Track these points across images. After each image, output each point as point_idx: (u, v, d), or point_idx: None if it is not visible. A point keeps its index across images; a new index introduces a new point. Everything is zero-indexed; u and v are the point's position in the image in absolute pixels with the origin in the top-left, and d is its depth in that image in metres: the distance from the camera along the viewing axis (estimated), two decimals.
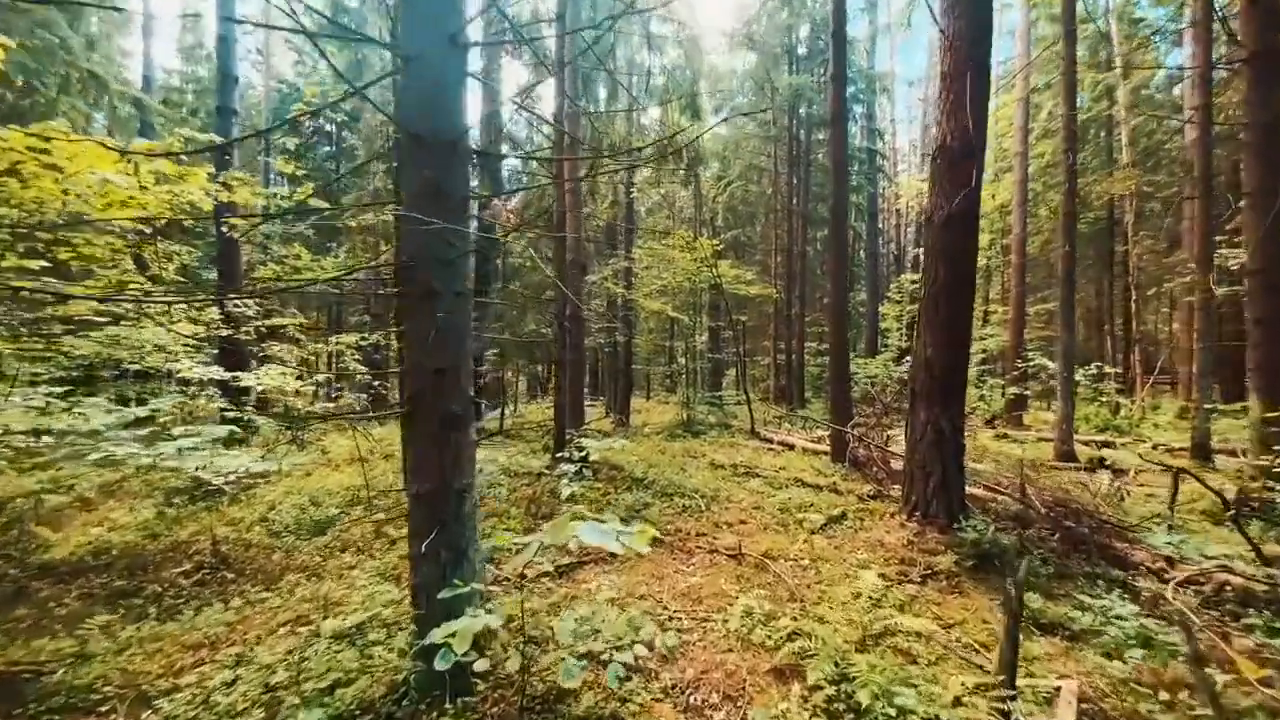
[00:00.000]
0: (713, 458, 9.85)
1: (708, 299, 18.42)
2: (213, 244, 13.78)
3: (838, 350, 8.93)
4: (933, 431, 5.36)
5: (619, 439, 9.30)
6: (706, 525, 6.32)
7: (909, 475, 5.61)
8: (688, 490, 7.51)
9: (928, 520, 5.34)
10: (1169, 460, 10.33)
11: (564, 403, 8.09)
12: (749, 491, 7.80)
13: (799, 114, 19.44)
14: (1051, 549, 4.96)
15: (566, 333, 8.00)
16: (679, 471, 8.59)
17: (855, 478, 8.13)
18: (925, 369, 5.43)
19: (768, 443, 12.13)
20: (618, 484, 7.65)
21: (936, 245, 5.39)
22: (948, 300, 5.33)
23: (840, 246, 8.86)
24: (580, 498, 6.77)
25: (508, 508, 6.27)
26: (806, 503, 6.94)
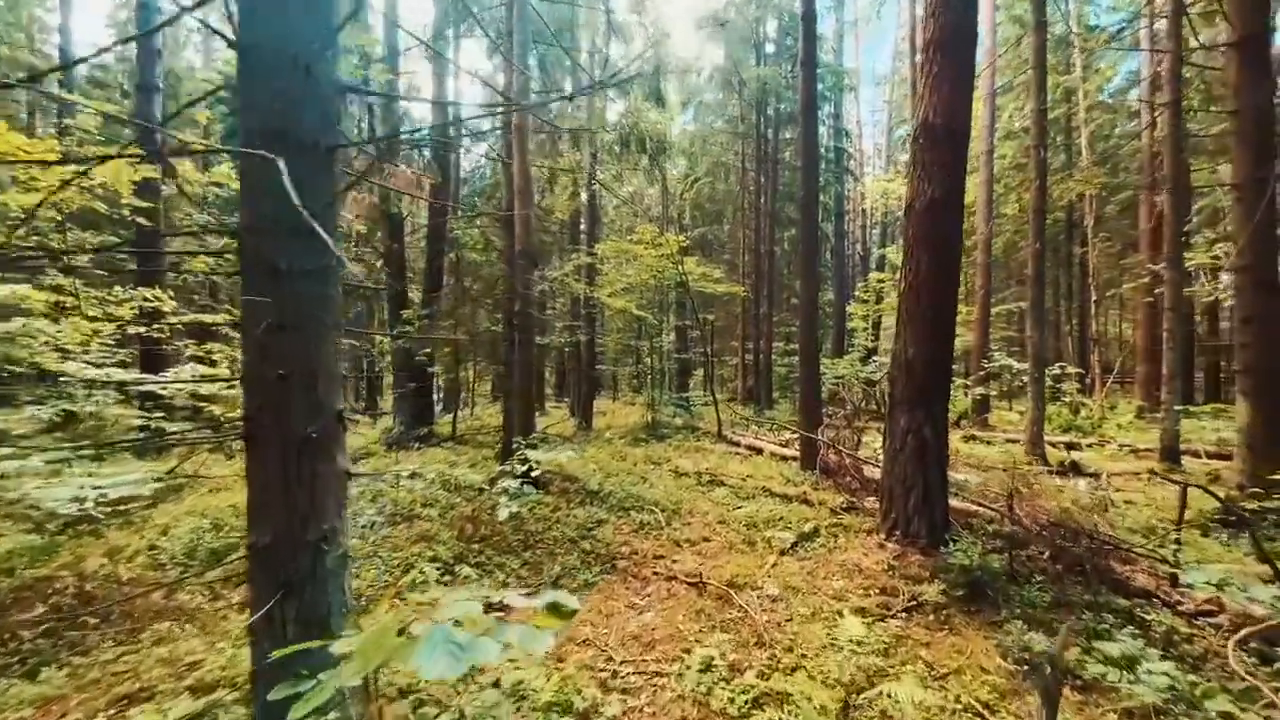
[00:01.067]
0: (677, 464, 9.18)
1: (675, 297, 17.78)
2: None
3: (807, 351, 8.36)
4: (914, 440, 4.77)
5: (572, 447, 8.54)
6: (666, 544, 5.63)
7: (887, 490, 5.01)
8: (647, 503, 6.81)
9: (909, 540, 4.75)
10: (1136, 462, 10.17)
11: (513, 407, 7.29)
12: (714, 503, 7.15)
13: (767, 112, 19.00)
14: (1043, 570, 4.42)
15: (515, 330, 7.19)
16: (639, 481, 7.88)
17: (826, 486, 7.56)
18: (905, 371, 4.84)
19: (735, 446, 11.53)
20: (570, 497, 6.89)
21: (918, 233, 4.80)
22: (930, 293, 4.75)
23: (811, 240, 8.29)
24: (523, 517, 5.99)
25: (439, 529, 5.44)
26: (775, 516, 6.31)
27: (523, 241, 7.10)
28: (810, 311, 8.34)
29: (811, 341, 8.38)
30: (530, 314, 7.07)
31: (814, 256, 8.36)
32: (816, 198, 8.29)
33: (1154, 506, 6.66)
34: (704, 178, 20.75)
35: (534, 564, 5.00)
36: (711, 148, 20.71)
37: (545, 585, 4.53)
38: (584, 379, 13.59)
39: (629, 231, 15.56)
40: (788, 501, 7.03)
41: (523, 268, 7.05)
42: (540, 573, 4.82)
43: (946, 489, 4.91)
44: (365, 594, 4.24)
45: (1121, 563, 4.54)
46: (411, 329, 10.53)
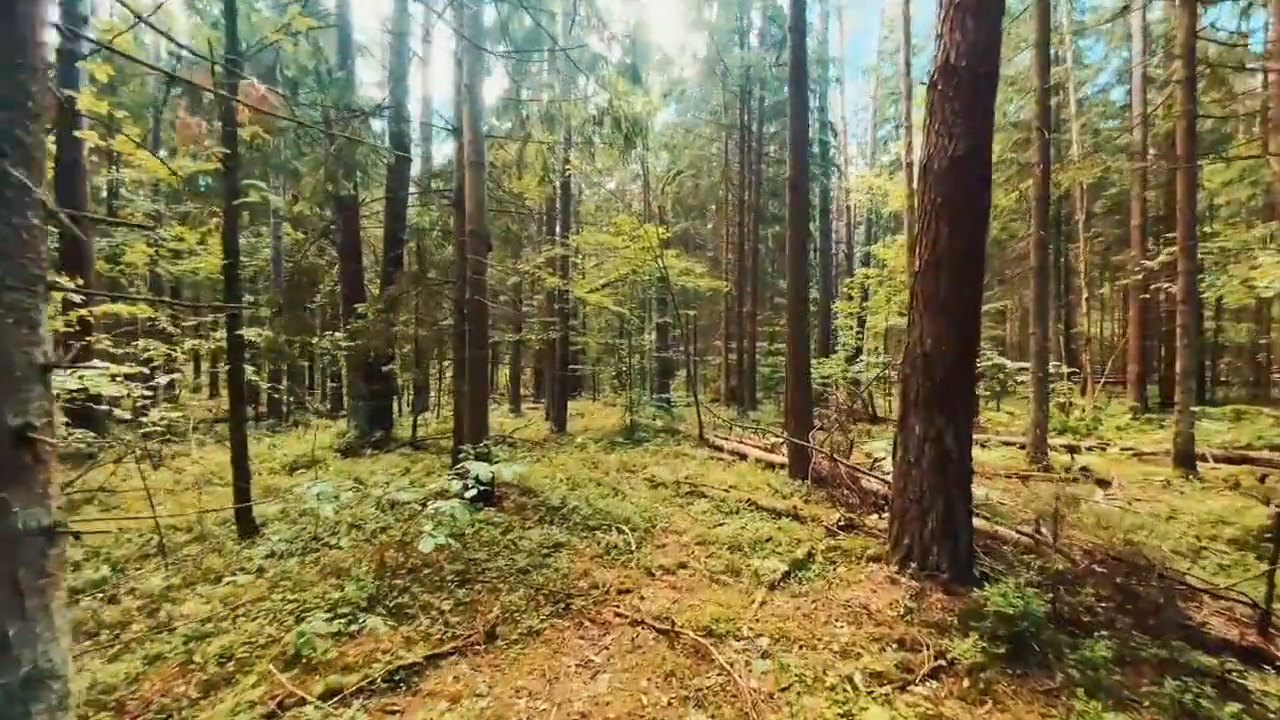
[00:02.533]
0: (654, 472, 8.23)
1: (656, 293, 16.84)
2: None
3: (795, 349, 7.48)
4: (933, 451, 3.87)
5: (533, 455, 7.57)
6: (634, 574, 4.67)
7: (899, 511, 4.11)
8: (616, 520, 5.84)
9: (927, 574, 3.85)
10: (1144, 466, 9.45)
11: (463, 410, 6.28)
12: (693, 519, 6.20)
13: (751, 105, 18.16)
14: (1090, 610, 3.54)
15: (465, 322, 6.19)
16: (610, 494, 6.91)
17: (819, 499, 6.66)
18: (923, 367, 3.93)
19: (718, 451, 10.62)
20: (527, 515, 5.90)
21: (936, 200, 3.91)
22: (952, 273, 3.85)
23: (799, 226, 7.40)
24: (465, 542, 4.98)
25: (356, 562, 4.42)
26: (762, 536, 5.39)
27: (474, 221, 6.09)
28: (799, 306, 7.45)
29: (800, 338, 7.49)
30: (483, 303, 6.07)
31: (802, 244, 7.48)
32: (806, 174, 7.41)
33: (1191, 522, 5.85)
34: (687, 170, 19.85)
35: (469, 605, 4.01)
36: (695, 140, 19.83)
37: (476, 637, 3.54)
38: (557, 379, 12.59)
39: (606, 222, 14.62)
40: (776, 517, 6.11)
41: (474, 249, 6.04)
42: (475, 617, 3.83)
43: (971, 511, 4.02)
44: (216, 672, 3.21)
45: (1182, 599, 3.68)
46: (364, 324, 9.45)
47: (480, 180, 6.14)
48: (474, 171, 6.13)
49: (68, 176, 10.36)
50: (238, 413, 5.30)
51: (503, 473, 4.20)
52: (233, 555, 4.75)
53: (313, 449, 9.78)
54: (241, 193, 5.29)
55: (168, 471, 8.87)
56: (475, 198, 6.12)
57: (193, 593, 4.00)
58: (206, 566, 4.50)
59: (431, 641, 3.51)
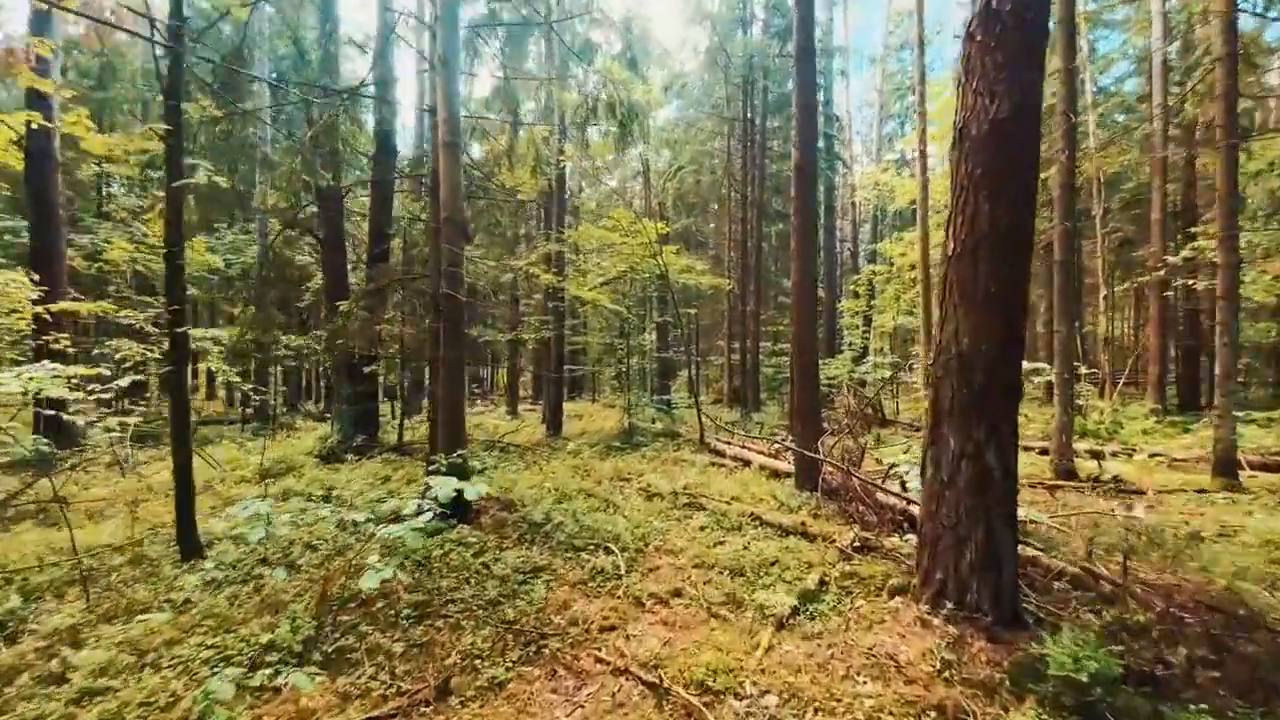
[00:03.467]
0: (650, 480, 7.61)
1: (655, 291, 16.23)
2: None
3: (803, 348, 6.85)
4: (972, 469, 3.24)
5: (506, 467, 6.97)
6: (621, 605, 4.05)
7: (930, 538, 3.47)
8: (605, 539, 5.22)
9: (966, 615, 3.21)
10: (1175, 474, 8.76)
11: (440, 416, 5.67)
12: (690, 536, 5.58)
13: (754, 99, 17.52)
14: (1170, 667, 2.90)
15: (440, 318, 5.58)
16: (600, 506, 6.29)
17: (829, 513, 6.02)
18: (958, 371, 3.30)
19: (719, 456, 9.99)
20: (506, 533, 5.29)
21: (974, 171, 3.28)
22: (993, 259, 3.22)
23: (808, 215, 6.77)
24: (430, 567, 4.38)
25: (294, 599, 3.81)
26: (768, 558, 4.76)
27: (449, 207, 5.49)
28: (807, 300, 6.82)
29: (808, 335, 6.86)
30: (458, 298, 5.47)
31: (810, 233, 6.85)
32: (814, 157, 6.78)
33: (1250, 542, 5.17)
34: (688, 166, 19.24)
35: (425, 647, 3.40)
36: (696, 135, 19.21)
37: (426, 693, 2.93)
38: (552, 380, 11.99)
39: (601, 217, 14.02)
40: (783, 535, 5.48)
41: (449, 238, 5.44)
42: (429, 664, 3.22)
43: (1017, 541, 3.39)
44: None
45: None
46: (344, 322, 8.86)
47: (455, 162, 5.54)
48: (448, 153, 5.53)
49: (38, 165, 9.83)
50: (180, 420, 4.71)
51: (468, 492, 3.59)
52: (164, 583, 4.15)
53: (297, 454, 9.21)
54: (187, 173, 4.71)
55: (135, 479, 8.31)
56: (450, 181, 5.51)
57: (103, 632, 3.40)
58: (131, 598, 3.90)
59: (371, 700, 2.90)
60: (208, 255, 13.14)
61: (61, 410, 7.20)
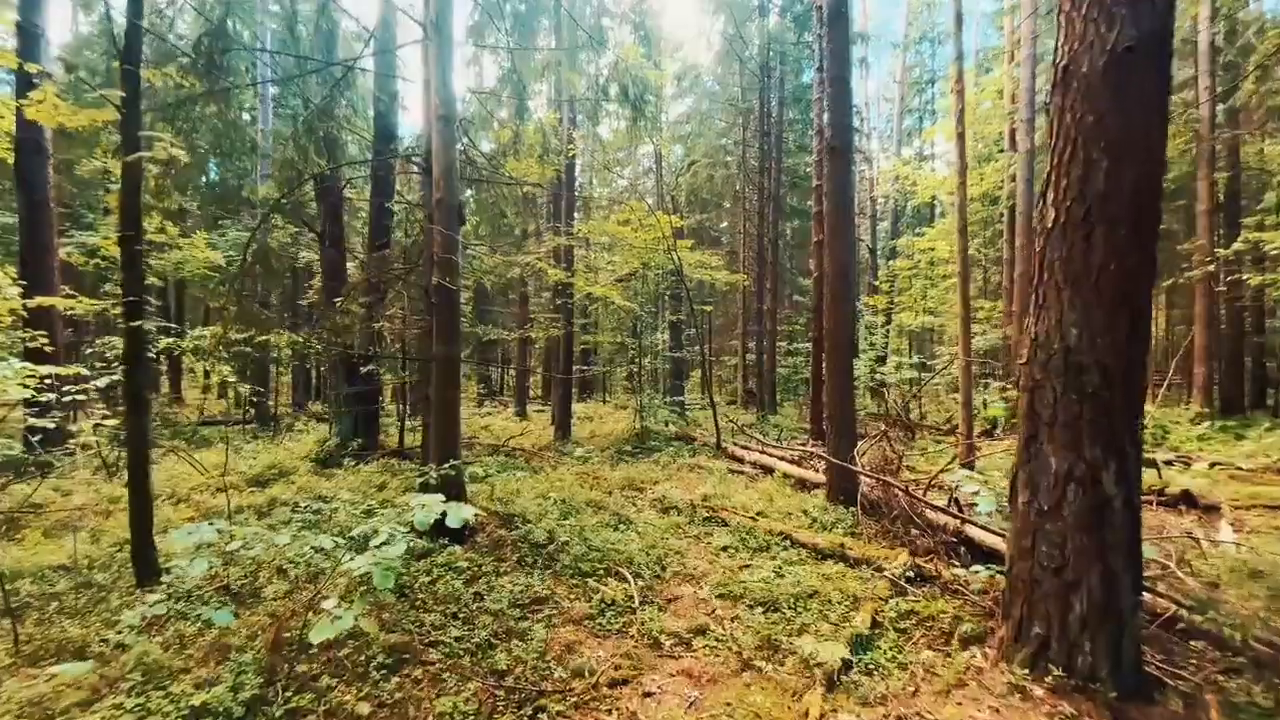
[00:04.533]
0: (665, 490, 6.94)
1: (668, 287, 15.55)
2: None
3: (838, 343, 6.14)
4: (1083, 498, 2.54)
5: (513, 472, 6.35)
6: (635, 648, 3.39)
7: (1024, 580, 2.76)
8: (616, 562, 4.57)
9: (1078, 684, 2.50)
10: (1245, 485, 7.88)
11: (433, 421, 5.05)
12: (712, 557, 4.91)
13: (771, 91, 16.77)
14: None
15: (432, 313, 4.96)
16: (611, 522, 5.63)
17: (870, 532, 5.31)
18: (1064, 372, 2.59)
19: (738, 463, 9.30)
20: (504, 555, 4.64)
21: (1084, 119, 2.56)
22: (1114, 230, 2.51)
23: (843, 197, 6.06)
24: (413, 597, 3.74)
25: (246, 642, 3.19)
26: (804, 589, 4.07)
27: (442, 188, 4.87)
28: (843, 289, 6.11)
29: (844, 329, 6.15)
30: (453, 289, 4.84)
31: (846, 211, 6.13)
32: (849, 133, 6.08)
33: None
34: (702, 160, 18.53)
35: (397, 708, 2.76)
36: (711, 128, 18.49)
37: None
38: (560, 381, 11.36)
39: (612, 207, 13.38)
40: (819, 558, 4.79)
41: (442, 222, 4.82)
42: None
43: (1142, 589, 2.67)
44: None
45: None
46: (339, 319, 8.30)
47: (450, 138, 4.91)
48: (442, 128, 4.91)
49: (28, 157, 9.39)
50: (137, 429, 4.13)
51: (450, 518, 2.94)
52: (104, 617, 3.56)
53: (295, 458, 8.67)
54: (145, 146, 4.14)
55: (121, 484, 7.80)
56: (444, 160, 4.89)
57: (7, 690, 2.80)
58: (63, 636, 3.32)
59: None
60: (209, 252, 12.73)
61: (48, 411, 6.75)
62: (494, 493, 6.42)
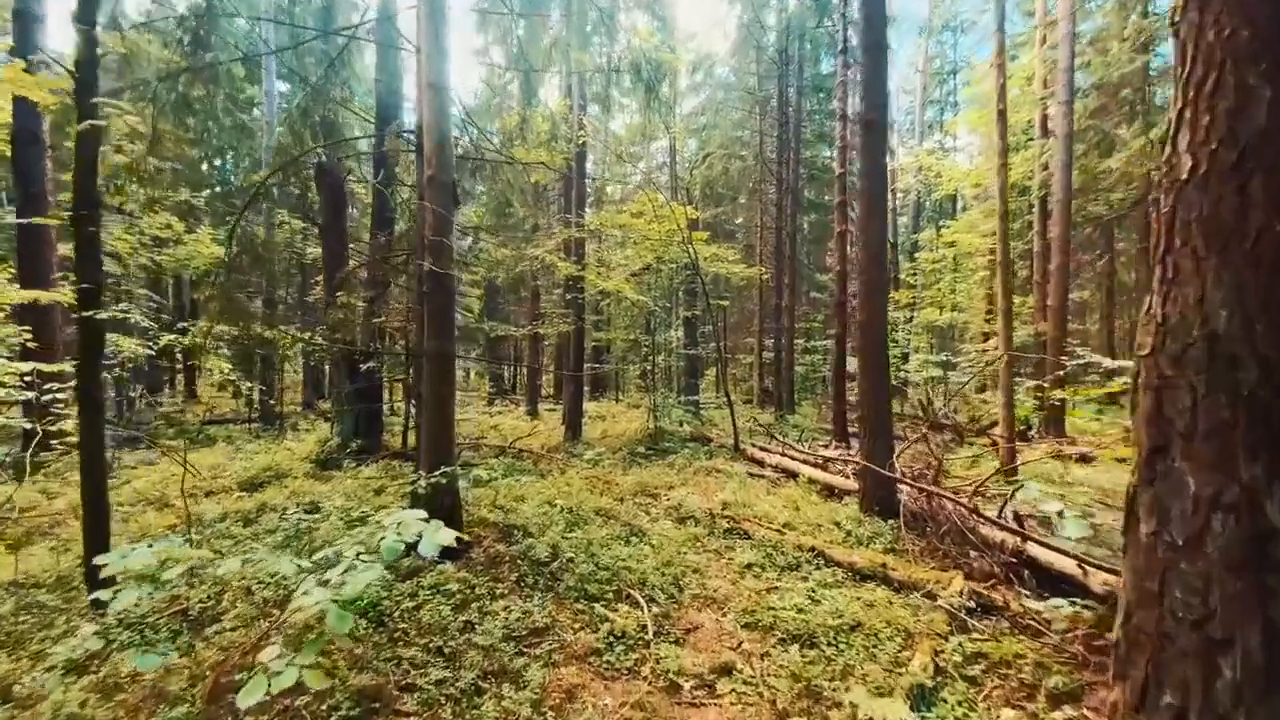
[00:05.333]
0: (681, 497, 6.38)
1: (682, 282, 14.96)
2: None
3: (871, 338, 5.53)
4: (1238, 527, 1.92)
5: (520, 476, 5.84)
6: (648, 697, 2.85)
7: (1149, 633, 2.14)
8: (627, 583, 4.02)
9: None
10: None
11: (424, 423, 4.54)
12: (735, 576, 4.34)
13: (789, 79, 16.09)
14: None
15: (424, 302, 4.45)
16: (622, 534, 5.07)
17: (912, 545, 4.69)
18: (1210, 365, 1.97)
19: (757, 466, 8.70)
20: (502, 574, 4.11)
21: (1235, 35, 1.93)
22: (1278, 182, 1.89)
23: (877, 175, 5.45)
24: (392, 633, 3.22)
25: (186, 688, 2.68)
26: (845, 619, 3.48)
27: (434, 164, 4.36)
28: (877, 279, 5.49)
29: (878, 322, 5.54)
30: (446, 278, 4.33)
31: (881, 193, 5.53)
32: (885, 96, 5.46)
33: None
34: (717, 152, 17.90)
35: None
36: (730, 114, 17.84)
37: None
38: (571, 379, 10.85)
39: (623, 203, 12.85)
40: (857, 579, 4.19)
41: (434, 199, 4.31)
42: None
43: None
44: None
45: None
46: (339, 314, 7.87)
47: (442, 107, 4.40)
48: (433, 96, 4.39)
49: (24, 149, 9.11)
50: (92, 432, 3.68)
51: (424, 544, 2.41)
52: (42, 646, 3.10)
53: (294, 459, 8.27)
54: (98, 113, 3.69)
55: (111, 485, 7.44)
56: (436, 132, 4.37)
57: None
58: None
59: None
60: (215, 248, 12.44)
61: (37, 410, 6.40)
62: (496, 499, 5.92)
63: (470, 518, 4.89)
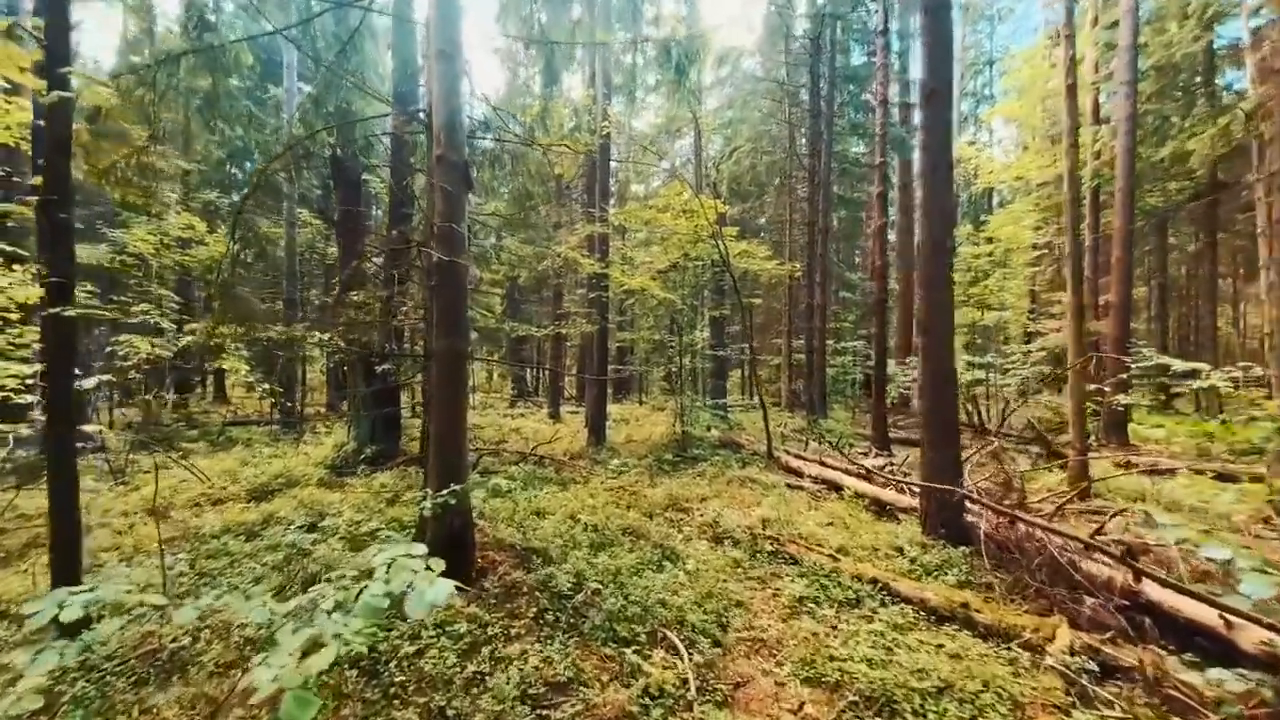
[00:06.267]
0: (715, 512, 5.76)
1: (709, 278, 14.29)
2: None
3: (934, 332, 4.84)
4: None
5: (536, 489, 5.30)
6: None
7: None
8: (664, 621, 3.43)
9: None
10: None
11: (432, 432, 4.02)
12: (787, 618, 3.71)
13: (821, 67, 15.32)
14: None
15: (432, 296, 3.94)
16: (653, 558, 4.48)
17: (994, 578, 4.00)
18: None
19: (795, 476, 8.02)
20: (519, 607, 3.56)
21: None
22: None
23: (941, 150, 4.76)
24: (387, 686, 2.69)
25: None
26: (932, 681, 2.83)
27: (443, 142, 3.85)
28: (940, 266, 4.80)
29: (942, 314, 4.85)
30: (457, 268, 3.80)
31: (946, 169, 4.83)
32: (949, 61, 4.80)
33: None
34: (744, 144, 17.19)
35: None
36: (758, 109, 17.12)
37: None
38: (595, 381, 10.31)
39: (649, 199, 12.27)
40: (933, 620, 3.53)
41: (444, 178, 3.79)
42: None
43: None
44: None
45: None
46: (354, 312, 7.46)
47: (452, 78, 3.88)
48: (443, 65, 3.88)
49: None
50: (59, 439, 3.26)
51: (412, 603, 1.87)
52: None
53: (309, 464, 7.90)
54: (68, 84, 3.27)
55: (121, 493, 7.15)
56: (446, 107, 3.86)
57: None
58: None
59: None
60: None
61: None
62: (515, 513, 5.39)
63: (485, 539, 4.36)
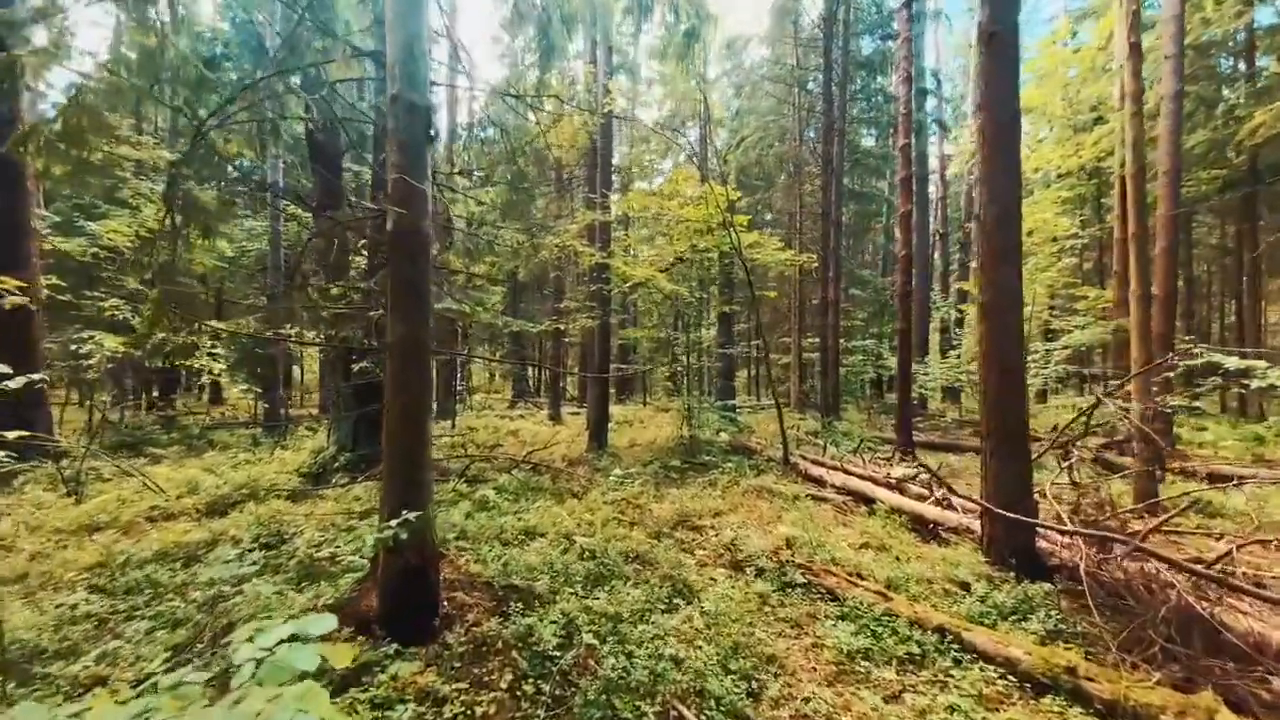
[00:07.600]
0: (733, 534, 4.93)
1: (717, 272, 13.46)
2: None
3: (997, 325, 4.01)
4: None
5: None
6: None
7: None
8: (678, 692, 2.60)
9: None
10: None
11: (385, 443, 3.21)
12: (834, 679, 2.87)
13: (834, 56, 14.48)
14: None
15: (393, 277, 3.12)
16: (661, 595, 3.64)
17: (1081, 620, 3.16)
18: None
19: (816, 485, 7.18)
20: (487, 676, 2.72)
21: None
22: None
23: (1006, 107, 3.93)
24: None
25: None
26: None
27: (400, 80, 3.06)
28: (1006, 236, 3.96)
29: (1009, 298, 4.01)
30: (417, 239, 2.99)
31: (1013, 130, 4.00)
32: (1014, 15, 3.94)
33: None
34: (752, 134, 16.35)
35: None
36: (766, 98, 16.29)
37: None
38: (596, 381, 9.49)
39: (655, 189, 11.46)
40: (1029, 692, 2.69)
41: (402, 124, 2.98)
42: None
43: None
44: None
45: None
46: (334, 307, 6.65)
47: (419, 14, 3.06)
48: None
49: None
50: None
51: None
52: None
53: (274, 471, 7.11)
54: None
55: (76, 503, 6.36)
56: (403, 31, 3.06)
57: None
58: None
59: None
60: (220, 242, 11.53)
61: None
62: (501, 534, 4.58)
63: (456, 574, 3.52)
